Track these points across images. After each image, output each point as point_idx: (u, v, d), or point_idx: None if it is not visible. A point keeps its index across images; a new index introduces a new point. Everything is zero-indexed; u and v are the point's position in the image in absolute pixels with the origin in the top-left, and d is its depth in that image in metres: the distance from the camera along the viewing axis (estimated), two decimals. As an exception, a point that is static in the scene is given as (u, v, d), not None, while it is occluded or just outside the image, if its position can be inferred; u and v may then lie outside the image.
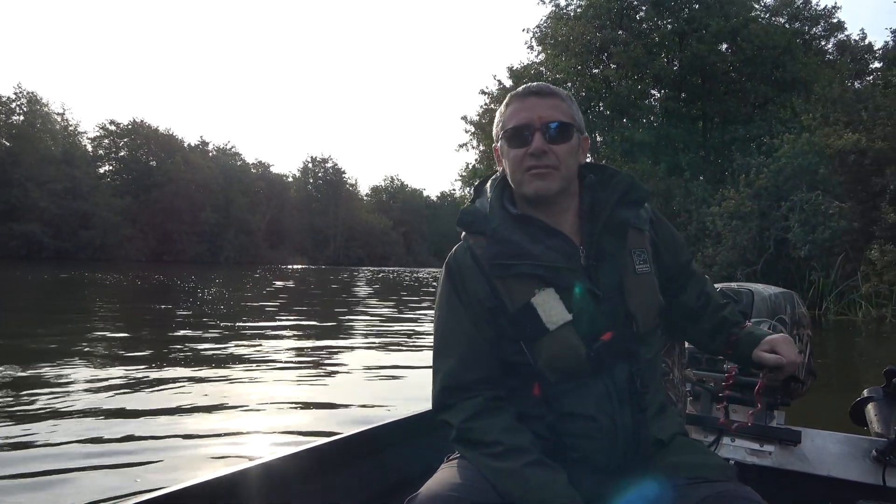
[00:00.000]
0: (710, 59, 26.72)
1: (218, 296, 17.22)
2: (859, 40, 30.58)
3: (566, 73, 28.87)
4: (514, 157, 1.30)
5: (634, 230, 1.34)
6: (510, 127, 1.30)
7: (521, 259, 1.26)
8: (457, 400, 1.28)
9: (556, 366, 1.24)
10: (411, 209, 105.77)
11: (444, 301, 1.34)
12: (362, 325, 11.35)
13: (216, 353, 7.23)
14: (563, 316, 1.23)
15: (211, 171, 65.83)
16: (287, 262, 72.47)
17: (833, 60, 28.32)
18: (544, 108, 1.29)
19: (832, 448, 1.89)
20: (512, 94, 1.35)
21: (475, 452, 1.23)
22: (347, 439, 1.69)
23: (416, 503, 1.12)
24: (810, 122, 18.23)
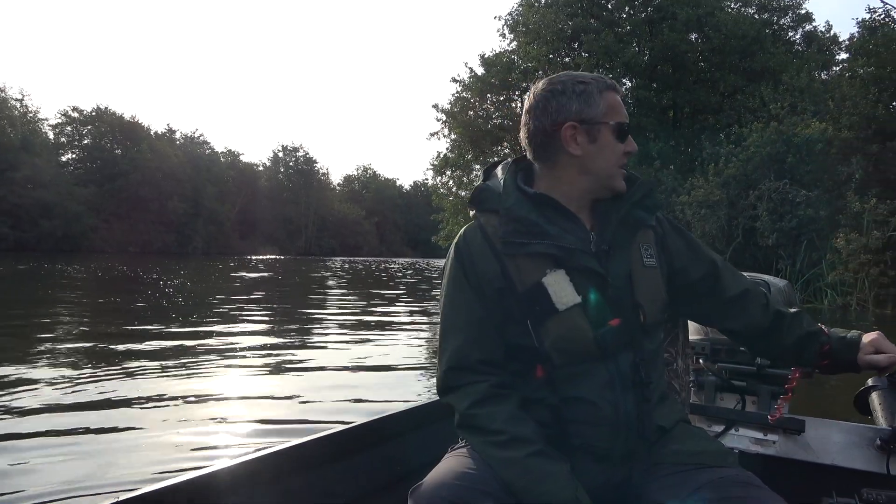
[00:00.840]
0: (681, 48, 26.84)
1: (180, 288, 16.75)
2: (825, 31, 31.04)
3: (537, 62, 28.72)
4: (616, 150, 1.31)
5: (644, 228, 1.36)
6: (618, 121, 1.31)
7: (536, 238, 1.26)
8: (462, 382, 1.28)
9: (563, 347, 1.24)
10: (384, 199, 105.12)
11: (452, 281, 1.33)
12: (328, 317, 11.08)
13: (167, 348, 6.90)
14: (573, 298, 1.24)
15: (178, 160, 64.49)
16: (258, 252, 71.62)
17: (801, 51, 28.64)
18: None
19: (836, 437, 1.88)
20: (606, 82, 1.33)
21: (479, 439, 1.22)
22: (351, 430, 1.69)
23: (420, 492, 1.12)
24: (778, 111, 18.36)
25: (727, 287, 1.42)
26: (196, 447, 3.60)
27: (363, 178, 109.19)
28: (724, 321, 1.46)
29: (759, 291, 1.45)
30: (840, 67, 25.65)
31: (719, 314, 1.45)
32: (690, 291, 1.42)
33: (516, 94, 30.67)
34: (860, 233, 14.76)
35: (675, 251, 1.40)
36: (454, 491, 1.10)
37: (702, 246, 1.46)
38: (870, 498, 1.55)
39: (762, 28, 27.71)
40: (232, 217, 73.16)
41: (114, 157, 61.28)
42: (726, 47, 26.54)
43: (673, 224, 1.45)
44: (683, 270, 1.40)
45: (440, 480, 1.14)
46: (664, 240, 1.40)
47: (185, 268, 30.04)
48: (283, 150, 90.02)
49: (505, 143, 30.83)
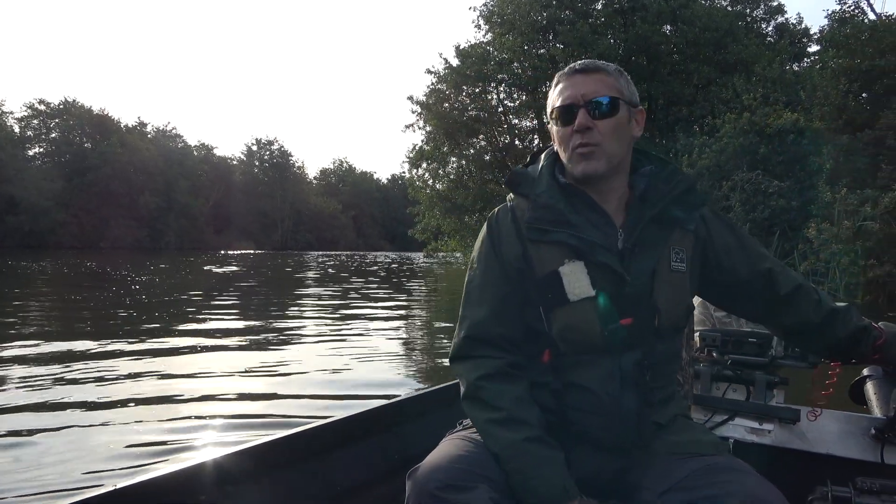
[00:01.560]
0: (654, 39, 26.92)
1: (147, 285, 16.35)
2: (797, 24, 31.36)
3: (512, 53, 28.57)
4: (562, 135, 1.30)
5: (679, 228, 1.32)
6: (557, 106, 1.30)
7: (559, 227, 1.27)
8: (477, 353, 1.30)
9: (569, 337, 1.25)
10: (361, 192, 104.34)
11: (483, 255, 1.36)
12: (299, 313, 10.84)
13: (128, 348, 6.63)
14: (587, 290, 1.24)
15: (150, 154, 63.21)
16: (233, 247, 70.65)
17: (773, 43, 28.88)
18: (589, 84, 1.28)
19: (831, 426, 1.89)
20: (559, 73, 1.34)
21: (480, 413, 1.25)
22: (351, 419, 1.70)
23: (418, 474, 1.14)
24: (751, 102, 18.43)
25: (780, 285, 1.40)
26: (167, 447, 3.52)
27: (339, 172, 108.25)
28: (777, 318, 1.45)
29: (810, 288, 1.43)
30: (811, 59, 25.97)
31: (772, 312, 1.44)
32: (741, 290, 1.41)
33: (492, 85, 30.50)
34: (831, 222, 14.87)
35: (723, 249, 1.37)
36: (449, 473, 1.12)
37: (755, 244, 1.42)
38: (864, 486, 1.55)
39: (735, 20, 27.92)
40: (206, 211, 72.03)
41: (83, 150, 59.83)
42: (700, 39, 26.68)
43: (724, 221, 1.41)
44: (732, 269, 1.38)
45: (436, 463, 1.15)
46: (709, 240, 1.37)
47: (155, 263, 29.46)
48: (258, 143, 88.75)
49: (481, 136, 30.64)
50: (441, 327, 9.39)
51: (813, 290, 1.43)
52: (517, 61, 29.15)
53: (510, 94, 31.13)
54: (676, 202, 1.32)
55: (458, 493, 1.10)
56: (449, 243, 33.15)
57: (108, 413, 4.15)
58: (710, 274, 1.38)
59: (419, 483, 1.12)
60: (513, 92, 30.94)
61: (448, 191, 30.18)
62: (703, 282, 1.39)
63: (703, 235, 1.36)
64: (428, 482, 1.11)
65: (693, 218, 1.34)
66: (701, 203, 1.36)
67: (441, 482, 1.10)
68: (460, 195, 28.83)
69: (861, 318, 1.43)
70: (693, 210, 1.34)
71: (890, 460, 1.76)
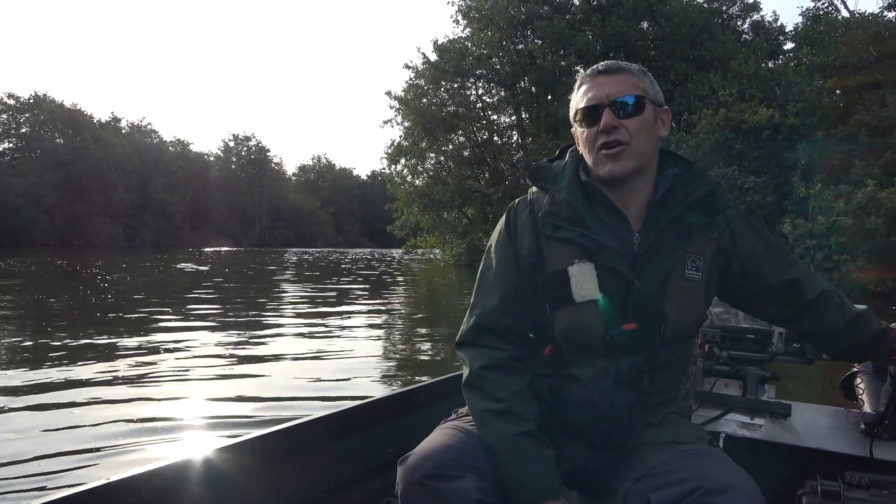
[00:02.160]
0: (631, 35, 26.96)
1: (116, 283, 15.98)
2: (772, 21, 31.66)
3: (490, 48, 28.44)
4: (587, 136, 1.28)
5: (700, 235, 1.29)
6: (581, 108, 1.29)
7: (573, 225, 1.26)
8: (484, 342, 1.30)
9: (570, 336, 1.26)
10: (340, 189, 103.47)
11: (499, 244, 1.36)
12: (272, 312, 10.62)
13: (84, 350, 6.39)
14: (593, 293, 1.23)
15: (124, 150, 62.00)
16: (210, 244, 69.78)
17: (748, 40, 29.10)
18: (613, 84, 1.27)
19: (821, 421, 1.91)
20: (581, 75, 1.33)
21: (479, 402, 1.26)
22: (345, 412, 1.71)
23: (407, 463, 1.15)
24: (727, 98, 18.51)
25: (806, 291, 1.39)
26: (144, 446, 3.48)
27: (319, 168, 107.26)
28: (802, 323, 1.45)
29: (833, 292, 1.43)
30: (787, 57, 26.19)
31: (797, 317, 1.43)
32: (767, 296, 1.40)
33: (470, 81, 30.35)
34: (806, 218, 14.98)
35: (749, 258, 1.35)
36: (437, 462, 1.13)
37: (782, 249, 1.41)
38: (853, 481, 1.55)
39: (711, 17, 28.06)
40: (182, 208, 70.95)
41: (55, 146, 58.45)
42: (676, 35, 26.81)
43: (752, 227, 1.38)
44: (759, 277, 1.36)
45: (425, 452, 1.16)
46: (734, 249, 1.34)
47: (129, 261, 28.93)
48: (235, 139, 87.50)
49: (459, 132, 30.49)
50: (420, 330, 9.24)
51: (836, 295, 1.43)
52: (495, 57, 29.04)
53: (489, 89, 31.06)
54: (696, 207, 1.29)
55: (444, 482, 1.11)
56: (428, 239, 33.00)
57: (74, 413, 3.97)
58: (735, 281, 1.37)
59: (407, 472, 1.14)
60: (491, 88, 30.86)
61: (426, 187, 30.01)
62: (726, 288, 1.39)
63: (726, 244, 1.33)
64: (415, 471, 1.13)
65: (715, 224, 1.31)
66: (723, 209, 1.32)
67: (428, 471, 1.12)
68: (438, 191, 28.67)
69: (879, 321, 1.46)
70: (714, 215, 1.30)
71: (879, 455, 1.77)
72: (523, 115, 30.49)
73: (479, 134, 31.08)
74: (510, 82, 29.47)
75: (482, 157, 30.57)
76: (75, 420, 3.97)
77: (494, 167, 30.65)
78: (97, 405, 4.30)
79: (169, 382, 5.04)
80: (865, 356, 1.55)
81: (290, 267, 28.29)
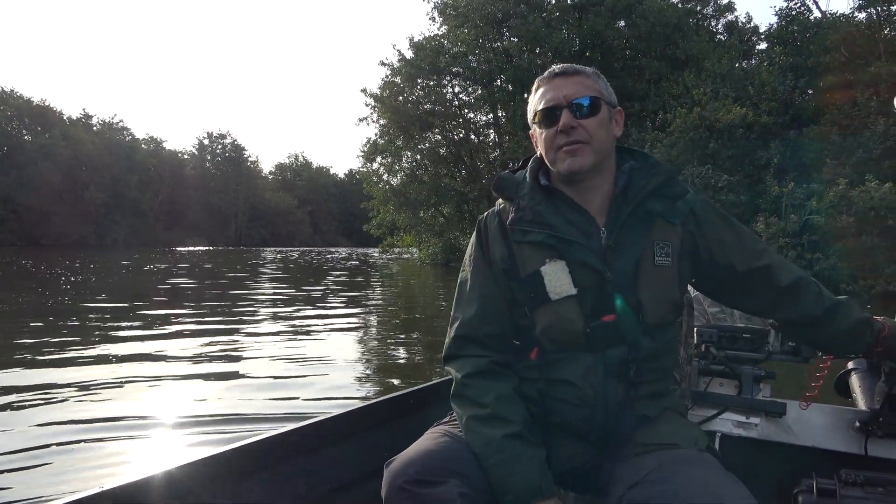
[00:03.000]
0: (607, 34, 26.99)
1: (79, 285, 15.50)
2: (746, 22, 31.97)
3: (466, 46, 28.26)
4: (546, 137, 1.31)
5: (664, 222, 1.31)
6: (539, 109, 1.32)
7: (538, 227, 1.29)
8: (466, 352, 1.33)
9: (552, 335, 1.28)
10: (318, 187, 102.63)
11: (472, 257, 1.40)
12: (239, 313, 10.31)
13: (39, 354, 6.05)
14: (568, 289, 1.26)
15: (95, 147, 60.73)
16: (185, 243, 68.73)
17: (722, 40, 29.32)
18: (570, 86, 1.30)
19: (816, 419, 1.91)
20: (539, 78, 1.37)
21: (465, 410, 1.27)
22: (339, 417, 1.71)
23: (392, 467, 1.16)
24: (701, 97, 18.56)
25: (779, 279, 1.38)
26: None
27: (295, 167, 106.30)
28: (777, 312, 1.45)
29: (810, 280, 1.42)
30: (760, 57, 26.40)
31: (772, 306, 1.43)
32: (739, 284, 1.40)
33: (447, 79, 30.15)
34: (779, 216, 15.03)
35: (716, 243, 1.36)
36: (420, 468, 1.14)
37: (751, 237, 1.40)
38: (849, 479, 1.54)
39: (686, 17, 28.22)
40: (155, 207, 69.86)
41: (22, 143, 57.05)
42: (652, 35, 26.94)
43: (718, 213, 1.39)
44: (728, 264, 1.36)
45: (409, 458, 1.17)
46: (700, 234, 1.35)
47: (98, 261, 28.25)
48: (209, 136, 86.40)
49: (435, 130, 30.26)
50: (395, 336, 9.01)
51: (813, 283, 1.42)
52: (472, 54, 28.86)
53: (465, 87, 30.90)
54: (654, 196, 1.31)
55: (427, 488, 1.11)
56: (405, 238, 32.77)
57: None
58: (705, 268, 1.37)
59: (391, 476, 1.14)
60: (468, 86, 30.70)
61: (402, 185, 29.75)
62: (698, 276, 1.40)
63: (692, 229, 1.34)
64: (398, 476, 1.13)
65: (677, 211, 1.32)
66: (681, 194, 1.33)
67: (411, 476, 1.12)
68: (414, 190, 28.42)
69: (861, 311, 1.43)
70: (672, 201, 1.32)
71: (874, 452, 1.78)
72: (500, 114, 30.37)
73: (455, 132, 30.88)
74: (487, 80, 29.33)
75: (459, 156, 30.38)
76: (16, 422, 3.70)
77: (472, 166, 30.50)
78: (41, 406, 4.02)
79: (111, 389, 4.75)
80: (849, 348, 1.52)
81: (259, 267, 27.84)
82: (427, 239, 30.56)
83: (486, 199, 27.27)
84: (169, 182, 74.03)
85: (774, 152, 16.69)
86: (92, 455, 3.40)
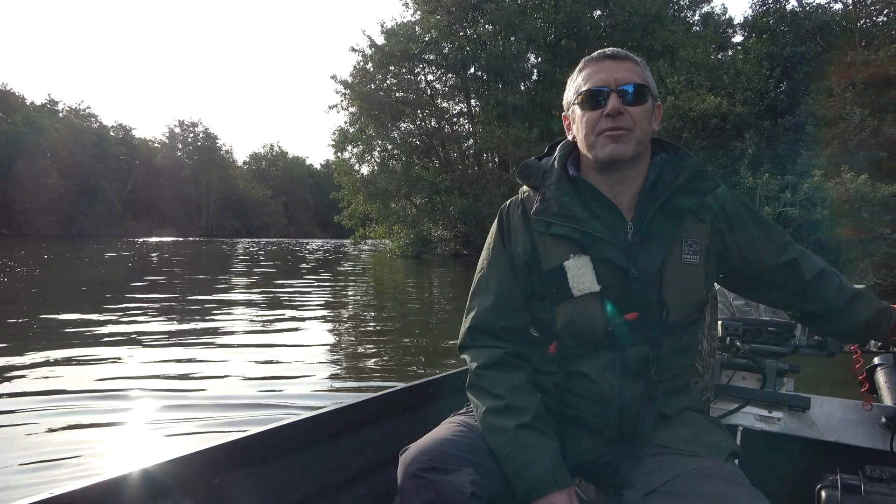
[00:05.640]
0: (583, 22, 26.54)
1: (22, 277, 14.63)
2: (721, 14, 31.75)
3: (439, 33, 27.56)
4: (589, 119, 1.26)
5: (693, 219, 1.29)
6: (585, 89, 1.27)
7: (563, 220, 1.26)
8: (480, 343, 1.32)
9: (573, 331, 1.26)
10: (293, 177, 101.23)
11: (492, 246, 1.37)
12: (183, 317, 9.62)
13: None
14: (591, 286, 1.24)
15: (59, 134, 59.01)
16: (154, 234, 67.26)
17: (698, 32, 29.05)
18: (620, 70, 1.26)
19: (840, 415, 1.88)
20: (586, 59, 1.32)
21: (480, 401, 1.27)
22: (358, 405, 1.71)
23: (406, 455, 1.18)
24: (675, 86, 18.15)
25: (804, 271, 1.36)
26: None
27: (270, 156, 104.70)
28: (802, 305, 1.41)
29: (831, 271, 1.40)
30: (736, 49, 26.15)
31: (797, 299, 1.40)
32: (766, 279, 1.37)
33: (420, 66, 29.42)
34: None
35: (746, 240, 1.32)
36: (434, 455, 1.15)
37: (777, 229, 1.38)
38: (874, 475, 1.45)
39: (663, 6, 27.88)
40: (123, 197, 68.21)
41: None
42: (628, 24, 26.55)
43: (746, 207, 1.35)
44: (757, 260, 1.34)
45: (424, 445, 1.18)
46: (730, 231, 1.31)
47: (57, 251, 27.16)
48: (181, 125, 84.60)
49: (406, 119, 29.52)
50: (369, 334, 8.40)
51: (834, 274, 1.39)
52: (445, 41, 28.16)
53: (439, 76, 30.20)
54: (684, 191, 1.27)
55: (440, 475, 1.11)
56: (377, 230, 32.05)
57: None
58: (732, 265, 1.34)
59: (404, 464, 1.16)
60: (441, 74, 30.00)
61: (372, 175, 29.02)
62: (725, 272, 1.37)
63: (722, 227, 1.30)
64: (412, 464, 1.14)
65: (708, 208, 1.28)
66: (711, 188, 1.29)
67: (424, 464, 1.13)
68: (384, 180, 27.67)
69: (879, 300, 1.42)
70: (702, 196, 1.28)
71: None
72: (473, 103, 29.76)
73: (428, 121, 30.17)
74: (460, 68, 28.67)
75: (431, 145, 29.71)
76: None
77: (445, 155, 29.86)
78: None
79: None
80: (868, 335, 1.50)
81: (233, 258, 26.98)
82: (399, 230, 29.89)
83: (457, 191, 26.69)
84: (138, 171, 72.46)
85: (749, 143, 16.36)
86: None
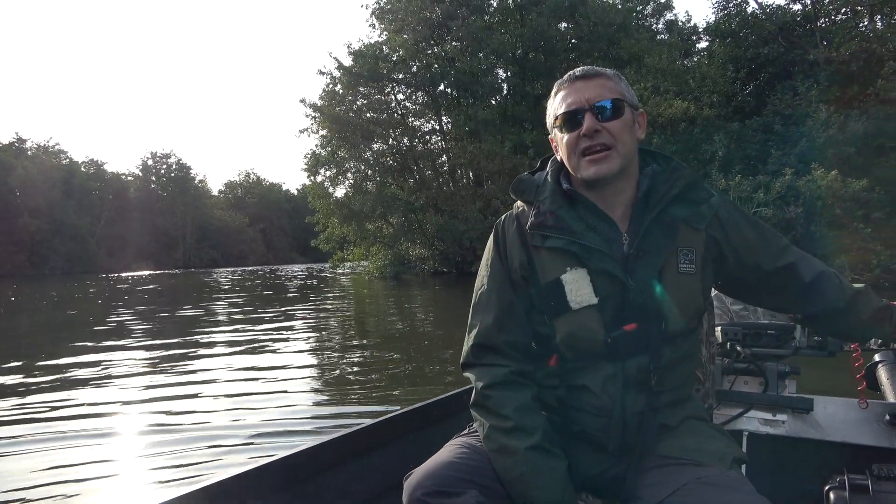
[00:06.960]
0: (549, 35, 26.66)
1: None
2: (686, 21, 32.19)
3: (406, 51, 27.49)
4: (568, 141, 1.28)
5: (688, 228, 1.29)
6: (560, 113, 1.29)
7: (559, 233, 1.26)
8: (485, 361, 1.30)
9: (572, 344, 1.26)
10: (270, 204, 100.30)
11: (490, 262, 1.37)
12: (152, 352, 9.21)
13: None
14: (589, 298, 1.24)
15: (27, 172, 57.93)
16: (130, 269, 66.00)
17: (664, 39, 29.35)
18: (591, 88, 1.28)
19: (845, 414, 1.87)
20: (558, 82, 1.34)
21: (486, 420, 1.26)
22: (359, 431, 1.71)
23: (411, 479, 1.17)
24: (642, 93, 18.17)
25: (803, 273, 1.36)
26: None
27: (246, 184, 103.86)
28: (804, 308, 1.42)
29: (831, 272, 1.40)
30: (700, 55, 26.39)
31: (798, 302, 1.40)
32: (765, 284, 1.37)
33: (389, 86, 29.30)
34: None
35: (742, 247, 1.33)
36: (438, 479, 1.14)
37: (775, 235, 1.38)
38: (881, 473, 1.45)
39: (628, 15, 28.14)
40: (97, 232, 67.03)
41: (-54, 170, 54.08)
42: (594, 35, 26.71)
43: (741, 213, 1.36)
44: (755, 266, 1.34)
45: (428, 469, 1.18)
46: (725, 238, 1.32)
47: (23, 292, 26.40)
48: (153, 157, 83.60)
49: (378, 139, 29.32)
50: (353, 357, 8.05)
51: (833, 275, 1.39)
52: (413, 60, 28.09)
53: (409, 95, 30.10)
54: (678, 201, 1.28)
55: (445, 499, 1.12)
56: (355, 252, 31.68)
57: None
58: (730, 271, 1.34)
59: (409, 489, 1.15)
60: (411, 92, 29.91)
61: (346, 198, 28.71)
62: (723, 278, 1.37)
63: (717, 234, 1.31)
64: (417, 488, 1.14)
65: (702, 216, 1.28)
66: (705, 198, 1.30)
67: (428, 488, 1.13)
68: (358, 201, 27.38)
69: (880, 299, 1.42)
70: (697, 206, 1.28)
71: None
72: (444, 120, 29.67)
73: (400, 140, 30.01)
74: (429, 86, 28.61)
75: (405, 165, 29.51)
76: None
77: (419, 173, 29.67)
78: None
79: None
80: (870, 334, 1.48)
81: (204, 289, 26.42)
82: (376, 251, 29.55)
83: (432, 208, 26.47)
84: (111, 205, 71.33)
85: (719, 145, 16.38)
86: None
